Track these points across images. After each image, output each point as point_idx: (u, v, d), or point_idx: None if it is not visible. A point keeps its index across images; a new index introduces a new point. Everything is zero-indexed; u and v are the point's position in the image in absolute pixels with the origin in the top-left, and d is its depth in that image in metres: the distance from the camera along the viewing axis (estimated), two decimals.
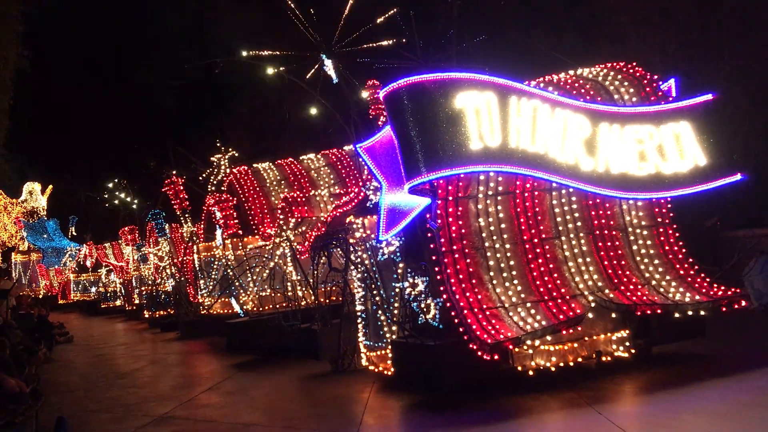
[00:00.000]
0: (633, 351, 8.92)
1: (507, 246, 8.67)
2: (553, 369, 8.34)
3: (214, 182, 18.80)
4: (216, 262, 17.26)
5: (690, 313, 8.79)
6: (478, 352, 7.57)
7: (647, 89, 9.55)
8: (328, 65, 23.91)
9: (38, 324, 17.40)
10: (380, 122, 10.47)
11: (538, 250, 8.80)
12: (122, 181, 42.20)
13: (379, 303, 9.78)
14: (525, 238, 8.81)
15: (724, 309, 8.92)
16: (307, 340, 12.05)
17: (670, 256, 9.52)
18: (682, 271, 9.36)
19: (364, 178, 11.34)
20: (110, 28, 45.86)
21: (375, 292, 9.83)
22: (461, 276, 8.20)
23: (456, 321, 8.00)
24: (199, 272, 18.40)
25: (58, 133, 44.84)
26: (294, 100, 31.46)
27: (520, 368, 8.20)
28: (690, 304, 8.82)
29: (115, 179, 42.35)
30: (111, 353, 16.79)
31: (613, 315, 8.82)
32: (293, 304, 13.49)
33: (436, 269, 8.37)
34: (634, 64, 10.06)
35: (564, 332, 8.26)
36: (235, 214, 16.40)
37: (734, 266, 13.89)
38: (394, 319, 9.45)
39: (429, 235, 8.54)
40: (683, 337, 9.38)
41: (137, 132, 42.12)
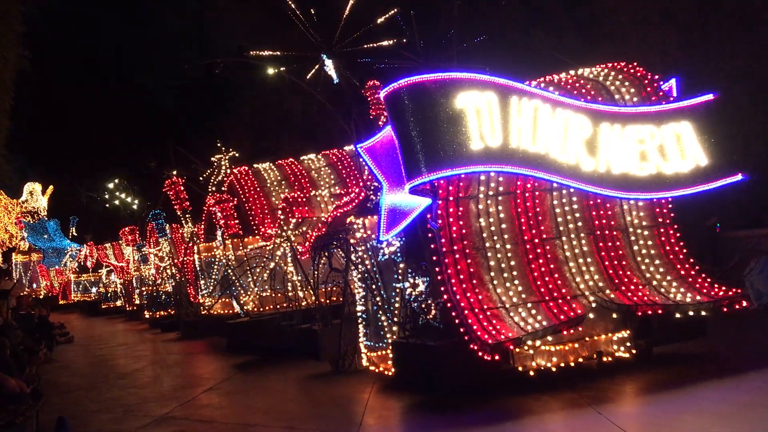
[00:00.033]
0: (634, 351, 8.91)
1: (508, 246, 8.66)
2: (553, 369, 8.33)
3: (215, 182, 18.80)
4: (216, 263, 17.26)
5: (691, 313, 8.78)
6: (479, 353, 7.57)
7: (648, 89, 9.53)
8: (329, 65, 23.94)
9: (39, 324, 17.42)
10: (381, 122, 10.46)
11: (538, 251, 8.79)
12: (123, 181, 42.24)
13: (379, 303, 9.78)
14: (526, 238, 8.80)
15: (726, 309, 8.91)
16: (308, 341, 12.03)
17: (671, 256, 9.51)
18: (683, 272, 9.35)
19: (364, 178, 11.32)
20: (110, 28, 45.75)
21: (375, 292, 9.83)
22: (462, 276, 8.19)
23: (457, 321, 8.00)
24: (200, 273, 18.41)
25: (58, 134, 44.77)
26: (295, 100, 31.46)
27: (520, 368, 8.19)
28: (691, 304, 8.81)
29: (116, 179, 42.38)
30: (111, 353, 16.79)
31: (613, 315, 8.81)
32: (294, 305, 13.49)
33: (437, 269, 8.37)
34: (635, 64, 10.03)
35: (565, 332, 8.26)
36: (235, 214, 16.40)
37: (735, 266, 13.88)
38: (395, 319, 9.45)
39: (430, 235, 8.54)
40: (684, 338, 9.36)
41: (137, 132, 42.04)
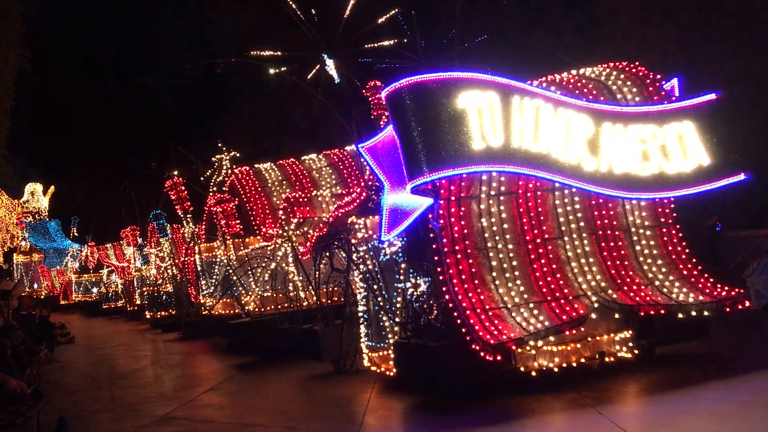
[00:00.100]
0: (636, 352, 8.89)
1: (510, 246, 8.64)
2: (555, 370, 8.30)
3: (216, 182, 18.76)
4: (217, 263, 17.25)
5: (693, 313, 8.75)
6: (481, 353, 7.55)
7: (650, 89, 9.51)
8: (330, 65, 23.91)
9: (40, 325, 17.42)
10: (382, 122, 10.45)
11: (540, 251, 8.77)
12: (123, 181, 42.20)
13: (381, 303, 9.76)
14: (528, 238, 8.78)
15: (728, 309, 8.88)
16: (309, 341, 12.03)
17: (673, 256, 9.48)
18: (685, 272, 9.32)
19: (366, 178, 11.31)
20: (110, 28, 45.69)
21: (377, 292, 9.81)
22: (464, 276, 8.18)
23: (458, 321, 7.98)
24: (201, 273, 18.40)
25: (58, 134, 44.80)
26: (296, 100, 31.44)
27: (522, 369, 8.17)
28: (693, 304, 8.78)
29: (116, 180, 42.31)
30: (112, 354, 16.79)
31: (616, 315, 8.79)
32: (295, 305, 13.48)
33: (439, 270, 8.35)
34: (636, 63, 9.99)
35: (567, 333, 8.25)
36: (236, 214, 16.39)
37: (736, 267, 13.86)
38: (396, 319, 9.43)
39: (431, 235, 8.52)
40: (687, 338, 9.33)
41: (138, 132, 42.04)
